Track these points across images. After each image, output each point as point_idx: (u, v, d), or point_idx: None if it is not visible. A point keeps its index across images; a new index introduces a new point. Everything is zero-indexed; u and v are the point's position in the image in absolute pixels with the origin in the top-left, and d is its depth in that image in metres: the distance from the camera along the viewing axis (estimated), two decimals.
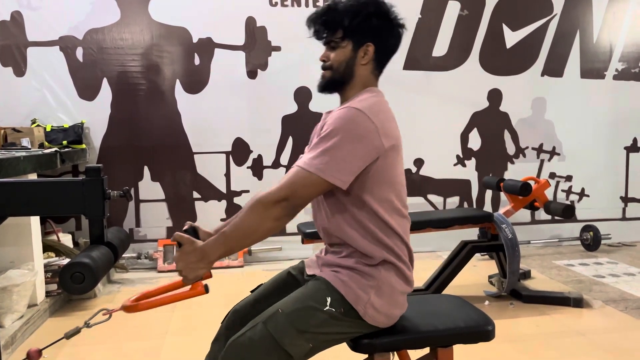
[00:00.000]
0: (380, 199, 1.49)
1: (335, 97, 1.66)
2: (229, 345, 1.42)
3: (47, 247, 3.48)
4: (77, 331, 1.46)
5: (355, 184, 1.46)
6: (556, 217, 4.58)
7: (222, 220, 4.39)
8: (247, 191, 4.39)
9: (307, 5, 4.27)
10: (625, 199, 5.02)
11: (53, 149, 3.42)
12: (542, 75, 4.78)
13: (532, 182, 3.72)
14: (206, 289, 1.44)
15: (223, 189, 4.41)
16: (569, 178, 4.91)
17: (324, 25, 1.58)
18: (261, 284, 1.72)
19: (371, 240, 1.49)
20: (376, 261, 1.49)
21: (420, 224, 3.21)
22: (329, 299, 1.45)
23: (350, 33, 1.55)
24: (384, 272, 1.50)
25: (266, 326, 1.40)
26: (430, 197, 4.70)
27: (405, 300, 1.56)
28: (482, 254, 4.28)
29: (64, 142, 3.89)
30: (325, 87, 1.63)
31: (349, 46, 1.56)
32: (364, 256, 1.50)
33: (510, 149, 4.81)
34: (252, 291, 1.71)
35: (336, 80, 1.59)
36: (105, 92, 4.19)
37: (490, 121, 4.74)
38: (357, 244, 1.50)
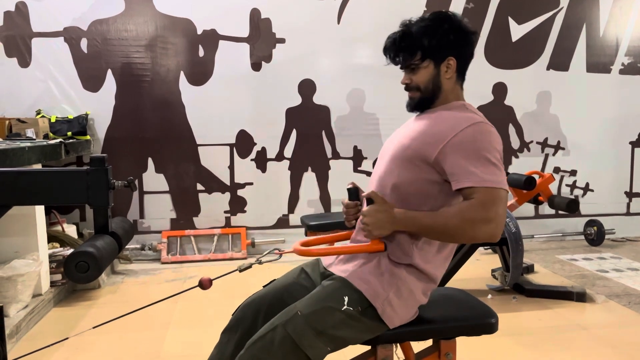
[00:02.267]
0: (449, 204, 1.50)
1: (338, 91, 1.66)
2: (249, 347, 1.43)
3: (51, 238, 3.49)
4: (249, 266, 1.55)
5: (445, 186, 1.49)
6: (560, 212, 4.57)
7: (225, 211, 4.40)
8: (251, 183, 4.40)
9: None
10: (630, 194, 5.01)
11: (57, 140, 3.43)
12: (548, 69, 4.75)
13: (536, 176, 3.70)
14: (385, 247, 1.47)
15: (227, 181, 4.42)
16: (573, 172, 4.90)
17: (402, 50, 1.59)
18: (274, 279, 1.72)
19: (406, 241, 1.50)
20: (403, 261, 1.49)
21: None
22: (346, 299, 1.46)
23: (430, 53, 1.57)
24: (405, 274, 1.50)
25: (285, 328, 1.41)
26: None
27: (417, 309, 1.55)
28: (486, 247, 4.28)
29: (69, 133, 3.90)
30: (417, 107, 1.65)
31: (430, 65, 1.58)
32: (394, 251, 1.50)
33: (515, 143, 4.79)
34: (264, 286, 1.71)
35: (427, 99, 1.62)
36: (110, 84, 4.20)
37: (495, 115, 4.70)
38: (391, 237, 1.49)
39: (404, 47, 1.58)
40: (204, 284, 1.51)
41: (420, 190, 1.51)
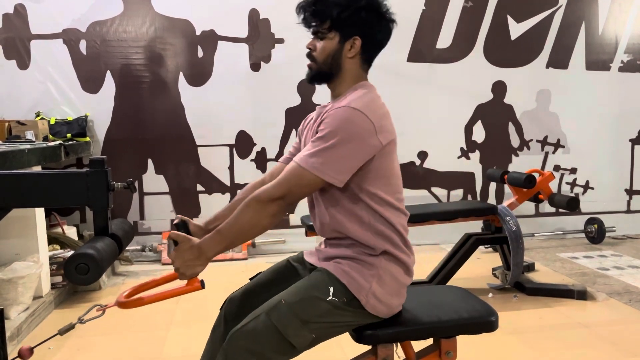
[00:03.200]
0: (373, 193, 1.50)
1: None
2: (232, 335, 1.42)
3: (52, 240, 3.49)
4: (71, 327, 1.45)
5: (350, 180, 1.47)
6: (560, 210, 4.57)
7: None
8: None
9: None
10: (630, 192, 5.01)
11: (57, 142, 3.43)
12: (547, 67, 4.75)
13: (536, 175, 3.70)
14: (202, 285, 1.44)
15: (227, 182, 4.42)
16: (573, 170, 4.90)
17: (312, 14, 1.57)
18: (260, 272, 1.73)
19: (370, 232, 1.50)
20: (377, 252, 1.50)
21: (424, 217, 3.21)
22: (331, 289, 1.46)
23: (338, 25, 1.54)
24: (384, 262, 1.51)
25: (269, 317, 1.41)
26: (434, 189, 4.69)
27: (405, 291, 1.56)
28: (486, 246, 4.28)
29: (68, 135, 3.90)
30: (314, 78, 1.62)
31: (335, 38, 1.55)
32: (365, 247, 1.51)
33: (515, 141, 4.79)
34: (250, 279, 1.72)
35: (324, 72, 1.59)
36: (109, 85, 4.20)
37: (495, 113, 4.72)
38: (357, 236, 1.51)
39: (315, 10, 1.56)
40: (24, 355, 1.44)
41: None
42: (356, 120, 1.43)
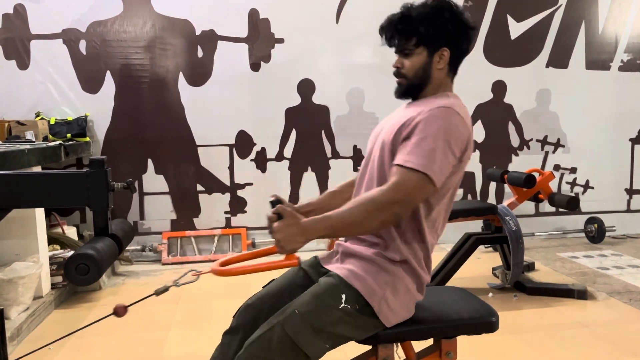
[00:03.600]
0: (430, 205, 1.50)
1: (338, 91, 1.66)
2: (247, 347, 1.43)
3: (52, 240, 3.49)
4: (165, 289, 1.46)
5: None
6: (560, 209, 4.57)
7: (226, 212, 4.40)
8: (251, 184, 4.40)
9: None
10: (630, 191, 5.01)
11: (57, 142, 3.43)
12: (547, 66, 4.75)
13: (536, 174, 3.70)
14: (299, 261, 1.45)
15: (227, 182, 4.42)
16: (573, 170, 4.90)
17: (398, 33, 1.57)
18: (273, 279, 1.72)
19: (401, 238, 1.50)
20: (397, 259, 1.49)
21: None
22: (343, 296, 1.46)
23: (426, 40, 1.55)
24: (402, 272, 1.50)
25: (283, 327, 1.41)
26: None
27: (414, 306, 1.55)
28: (486, 246, 4.28)
29: (68, 135, 3.90)
30: (404, 94, 1.63)
31: (424, 52, 1.56)
32: (387, 250, 1.50)
33: (515, 141, 4.79)
34: (264, 286, 1.71)
35: (414, 86, 1.60)
36: (109, 85, 4.20)
37: (495, 113, 4.72)
38: (387, 236, 1.50)
39: (401, 30, 1.57)
40: (119, 312, 1.45)
41: None
42: (455, 121, 1.47)
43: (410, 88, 1.60)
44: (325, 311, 1.44)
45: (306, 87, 4.40)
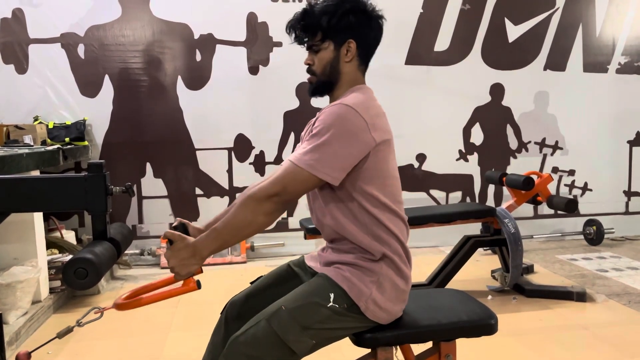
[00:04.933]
0: (369, 194, 1.49)
1: None
2: (232, 341, 1.42)
3: (50, 244, 3.49)
4: (69, 330, 1.44)
5: (346, 180, 1.47)
6: (559, 212, 4.57)
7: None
8: None
9: None
10: (629, 193, 5.01)
11: (55, 146, 3.43)
12: (545, 69, 4.76)
13: (534, 177, 3.71)
14: (198, 285, 1.43)
15: (225, 185, 4.42)
16: (571, 172, 4.90)
17: (303, 30, 1.58)
18: (261, 276, 1.73)
19: (369, 235, 1.50)
20: (377, 257, 1.50)
21: (423, 219, 3.21)
22: (332, 295, 1.46)
23: (330, 33, 1.55)
24: (385, 268, 1.50)
25: (270, 323, 1.40)
26: (433, 192, 4.69)
27: (406, 296, 1.56)
28: (485, 248, 4.28)
29: (67, 139, 3.89)
30: (315, 91, 1.63)
31: (330, 46, 1.56)
32: (365, 251, 1.51)
33: (513, 143, 4.80)
34: (251, 283, 1.72)
35: (324, 83, 1.59)
36: (107, 89, 4.20)
37: (493, 116, 4.72)
38: (355, 239, 1.50)
39: (305, 26, 1.58)
40: (21, 359, 1.45)
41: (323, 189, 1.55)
42: (349, 116, 1.44)
43: (320, 85, 1.60)
44: (313, 309, 1.44)
45: (305, 91, 4.40)
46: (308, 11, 1.57)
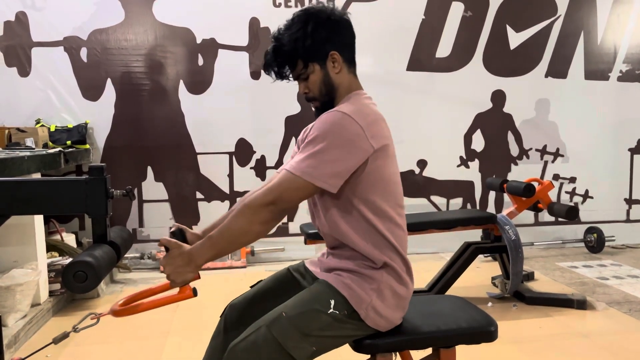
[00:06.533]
0: (370, 200, 1.48)
1: None
2: (232, 348, 1.41)
3: (50, 247, 3.49)
4: (65, 336, 1.44)
5: (346, 186, 1.46)
6: (560, 219, 4.57)
7: None
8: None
9: None
10: (630, 201, 5.01)
11: (57, 149, 3.43)
12: (546, 76, 4.77)
13: (535, 184, 3.70)
14: (194, 293, 1.43)
15: (226, 190, 4.42)
16: (572, 180, 4.90)
17: (281, 66, 1.56)
18: (261, 280, 1.73)
19: (370, 243, 1.49)
20: (377, 264, 1.49)
21: (424, 225, 3.20)
22: (332, 302, 1.45)
23: (310, 56, 1.52)
24: (385, 275, 1.49)
25: (270, 330, 1.40)
26: (434, 198, 4.69)
27: (406, 303, 1.55)
28: (485, 255, 4.27)
29: (68, 142, 3.90)
30: (322, 112, 1.59)
31: (316, 67, 1.54)
32: (365, 258, 1.50)
33: (514, 150, 4.80)
34: (251, 286, 1.71)
35: (327, 102, 1.57)
36: (109, 93, 4.21)
37: (494, 122, 4.73)
38: (356, 246, 1.50)
39: (282, 62, 1.55)
40: None
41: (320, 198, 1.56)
42: (344, 123, 1.43)
43: (324, 105, 1.57)
44: (313, 316, 1.43)
45: None
46: (277, 46, 1.54)
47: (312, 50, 1.51)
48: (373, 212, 1.49)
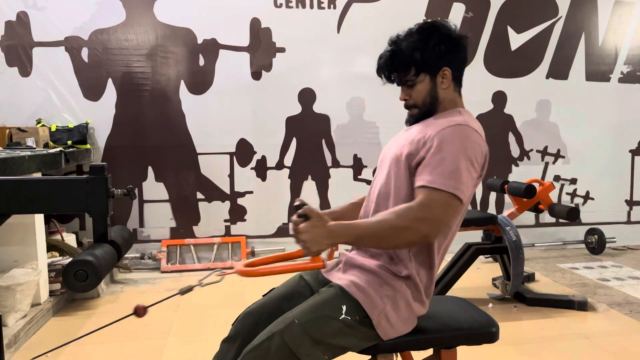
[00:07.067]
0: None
1: (338, 100, 1.65)
2: (245, 354, 1.42)
3: (51, 247, 3.48)
4: (190, 289, 1.48)
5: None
6: (560, 220, 4.56)
7: (225, 220, 4.39)
8: (251, 192, 4.40)
9: (311, 6, 4.27)
10: (630, 202, 5.00)
11: (58, 149, 3.43)
12: (547, 77, 4.76)
13: (536, 185, 3.70)
14: (324, 264, 1.44)
15: (227, 190, 4.41)
16: (573, 181, 4.90)
17: (395, 70, 1.59)
18: (273, 288, 1.72)
19: (409, 253, 1.49)
20: (402, 274, 1.48)
21: None
22: (344, 307, 1.45)
23: (424, 67, 1.56)
24: (404, 287, 1.49)
25: (282, 337, 1.40)
26: None
27: (416, 321, 1.53)
28: (486, 256, 4.27)
29: (69, 142, 3.90)
30: (416, 121, 1.63)
31: (426, 79, 1.57)
32: (392, 264, 1.49)
33: (515, 151, 4.80)
34: (264, 295, 1.71)
35: (426, 113, 1.60)
36: (110, 93, 4.21)
37: (495, 123, 4.72)
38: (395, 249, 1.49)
39: (397, 66, 1.58)
40: (139, 312, 1.45)
41: (411, 196, 1.49)
42: (479, 141, 1.48)
43: (424, 115, 1.60)
44: (325, 322, 1.43)
45: (307, 96, 4.41)
46: (396, 51, 1.58)
47: (427, 62, 1.55)
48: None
